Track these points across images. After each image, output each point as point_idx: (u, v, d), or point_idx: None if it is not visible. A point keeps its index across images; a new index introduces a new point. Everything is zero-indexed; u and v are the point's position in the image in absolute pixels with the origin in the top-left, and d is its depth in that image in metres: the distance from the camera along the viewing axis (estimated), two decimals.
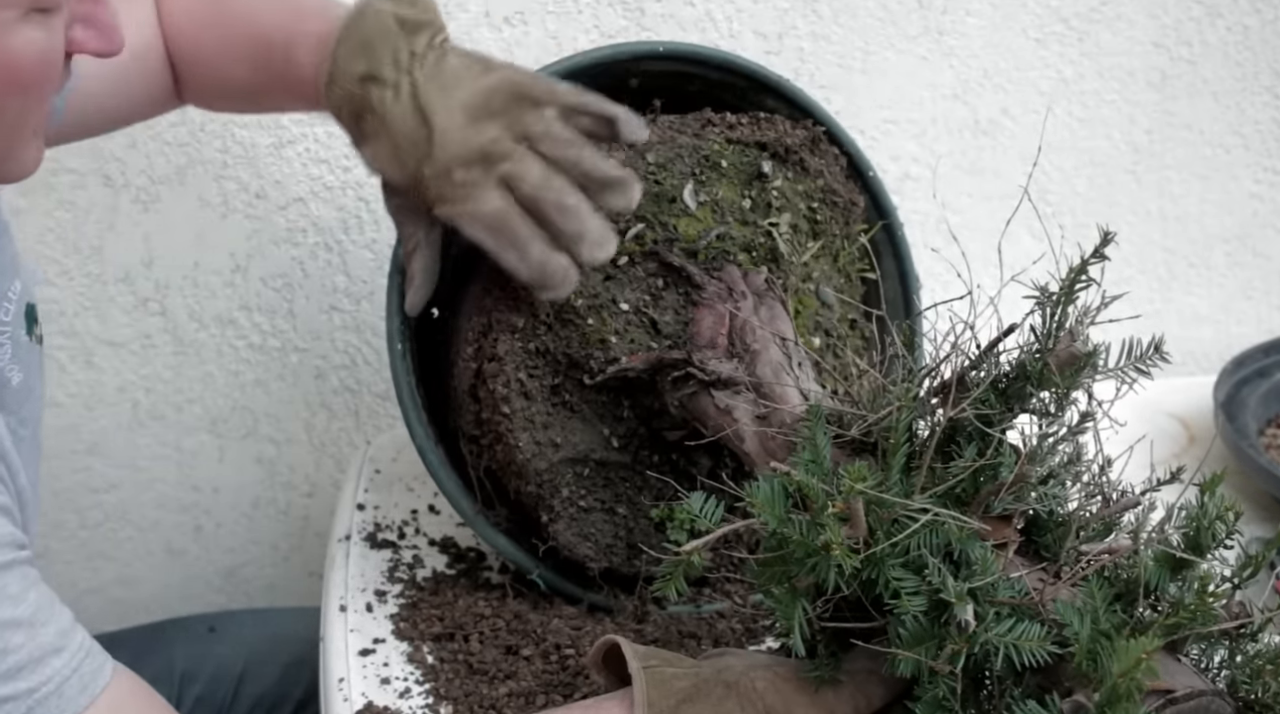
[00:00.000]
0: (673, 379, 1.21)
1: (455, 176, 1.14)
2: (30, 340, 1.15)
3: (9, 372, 1.11)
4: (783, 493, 0.92)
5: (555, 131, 1.15)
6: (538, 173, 1.14)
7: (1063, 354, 0.93)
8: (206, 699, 1.53)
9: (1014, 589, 0.90)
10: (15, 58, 0.91)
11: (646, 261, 1.27)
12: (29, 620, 0.93)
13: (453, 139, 1.14)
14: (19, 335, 1.12)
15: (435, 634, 1.28)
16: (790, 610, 0.92)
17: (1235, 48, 1.81)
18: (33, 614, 0.94)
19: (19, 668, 0.92)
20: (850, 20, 1.70)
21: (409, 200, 1.19)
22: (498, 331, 1.24)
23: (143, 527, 1.83)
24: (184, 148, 1.61)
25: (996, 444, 0.93)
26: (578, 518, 1.29)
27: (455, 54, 1.17)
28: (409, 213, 1.21)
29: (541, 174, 1.14)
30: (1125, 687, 0.78)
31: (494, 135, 1.14)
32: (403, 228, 1.22)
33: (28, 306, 1.15)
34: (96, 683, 0.97)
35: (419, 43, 1.15)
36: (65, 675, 0.95)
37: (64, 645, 0.95)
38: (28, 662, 0.92)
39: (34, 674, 0.93)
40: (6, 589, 0.93)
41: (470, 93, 1.15)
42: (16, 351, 1.12)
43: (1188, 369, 1.96)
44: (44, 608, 0.95)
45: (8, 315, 1.11)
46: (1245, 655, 0.92)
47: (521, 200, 1.14)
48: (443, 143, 1.14)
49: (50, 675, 0.94)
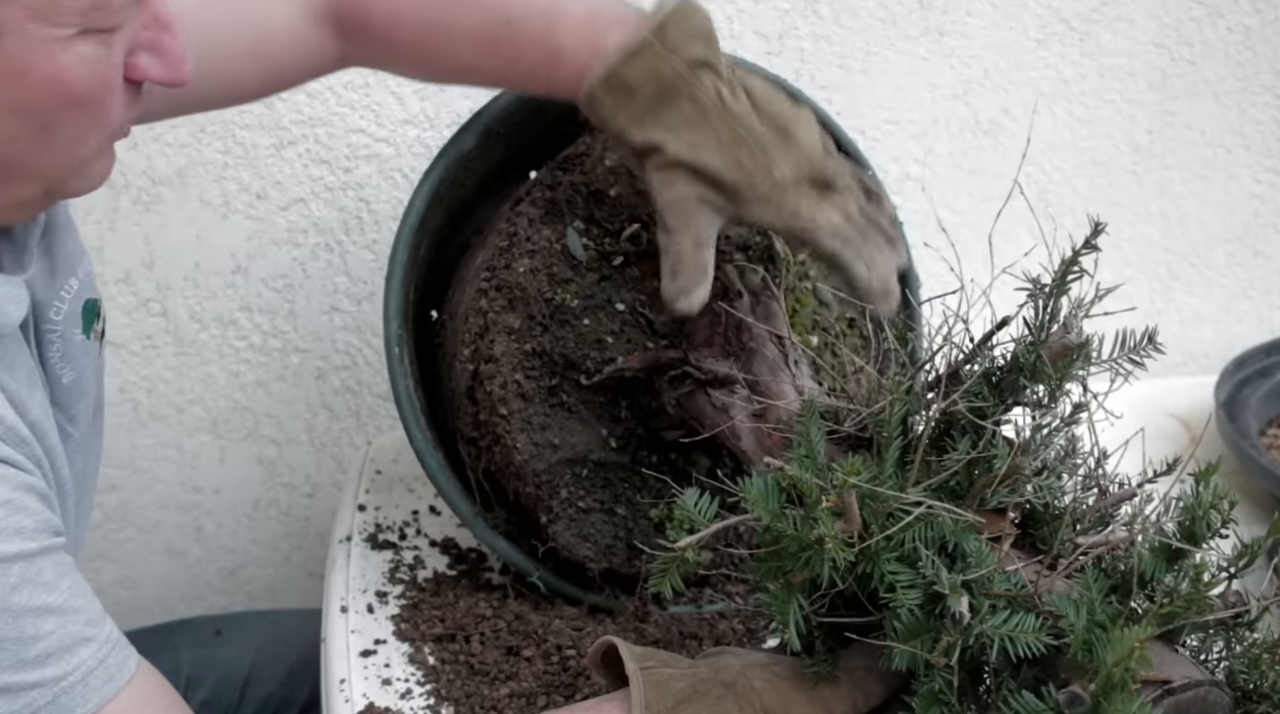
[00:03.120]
0: (669, 378, 1.22)
1: (805, 189, 1.16)
2: (88, 338, 1.14)
3: (60, 370, 1.10)
4: (776, 488, 0.92)
5: (849, 178, 1.21)
6: (856, 209, 1.19)
7: (1056, 346, 0.93)
8: (212, 703, 1.53)
9: (1009, 582, 0.90)
10: (68, 74, 0.91)
11: (642, 262, 1.27)
12: (61, 608, 0.94)
13: (814, 155, 1.17)
14: (71, 334, 1.11)
15: (436, 635, 1.28)
16: (785, 606, 0.92)
17: (1236, 48, 1.81)
18: (64, 602, 0.94)
19: (48, 654, 0.92)
20: (851, 21, 1.70)
21: (714, 194, 1.17)
22: (494, 333, 1.24)
23: (144, 527, 1.83)
24: (185, 149, 1.62)
25: (990, 436, 0.93)
26: (577, 519, 1.29)
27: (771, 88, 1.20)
28: (703, 207, 1.17)
29: (858, 208, 1.19)
30: (1120, 676, 0.78)
31: (835, 165, 1.18)
32: (688, 219, 1.17)
33: (87, 303, 1.14)
34: (122, 675, 0.97)
35: (724, 71, 1.17)
36: (92, 666, 0.95)
37: (93, 636, 0.96)
38: (57, 649, 0.93)
39: (62, 662, 0.93)
40: (41, 575, 0.93)
41: (810, 119, 1.19)
42: (68, 351, 1.11)
43: (1188, 369, 1.96)
44: (76, 596, 0.96)
45: (59, 314, 1.10)
46: (1243, 645, 0.93)
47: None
48: (803, 154, 1.16)
49: (77, 665, 0.94)
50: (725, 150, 1.15)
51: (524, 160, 1.38)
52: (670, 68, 1.15)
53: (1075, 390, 0.97)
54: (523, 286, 1.24)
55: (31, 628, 0.92)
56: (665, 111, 1.15)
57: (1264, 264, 1.95)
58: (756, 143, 1.15)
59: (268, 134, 1.63)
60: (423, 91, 1.63)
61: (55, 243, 1.11)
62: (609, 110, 1.16)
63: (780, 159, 1.16)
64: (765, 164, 1.15)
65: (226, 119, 1.60)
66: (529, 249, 1.24)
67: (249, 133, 1.62)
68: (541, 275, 1.24)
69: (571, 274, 1.25)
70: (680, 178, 1.16)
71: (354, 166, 1.66)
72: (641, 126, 1.16)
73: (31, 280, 1.06)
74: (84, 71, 0.91)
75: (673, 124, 1.15)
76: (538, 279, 1.24)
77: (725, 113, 1.15)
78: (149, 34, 0.97)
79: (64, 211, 1.13)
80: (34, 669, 0.92)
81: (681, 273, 1.17)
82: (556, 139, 1.33)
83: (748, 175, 1.15)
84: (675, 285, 1.17)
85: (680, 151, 1.15)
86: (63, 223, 1.13)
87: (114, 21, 0.92)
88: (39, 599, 0.92)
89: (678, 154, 1.15)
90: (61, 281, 1.11)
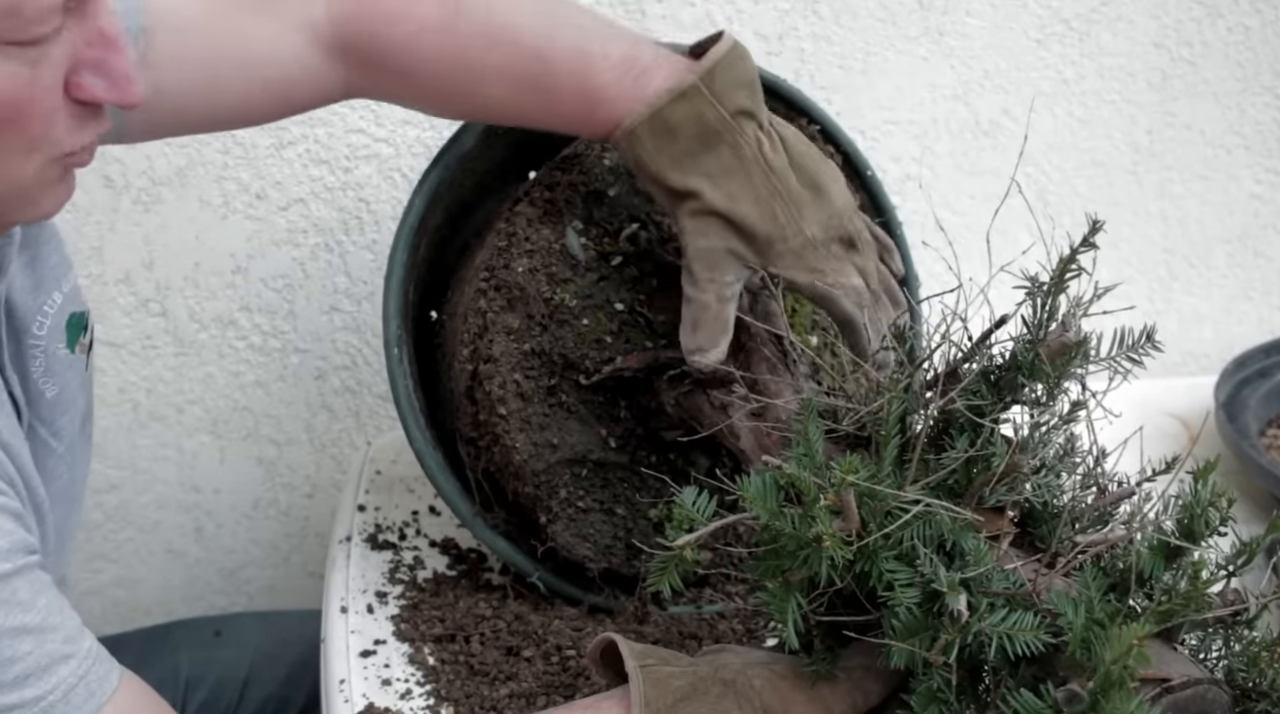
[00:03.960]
0: (669, 378, 1.22)
1: (832, 248, 1.17)
2: (72, 352, 1.14)
3: (43, 385, 1.10)
4: (774, 486, 0.92)
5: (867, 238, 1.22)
6: (874, 269, 1.21)
7: (1054, 344, 0.93)
8: (212, 704, 1.53)
9: (1008, 580, 0.90)
10: None
11: (641, 261, 1.27)
12: (38, 627, 0.93)
13: (843, 214, 1.18)
14: (54, 349, 1.11)
15: (436, 635, 1.28)
16: (784, 605, 0.91)
17: (1236, 48, 1.81)
18: (42, 621, 0.93)
19: (26, 675, 0.92)
20: (851, 21, 1.70)
21: (744, 247, 1.17)
22: (493, 333, 1.24)
23: (143, 528, 1.83)
24: (184, 149, 1.62)
25: (989, 435, 0.93)
26: (576, 519, 1.29)
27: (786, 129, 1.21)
28: (732, 260, 1.17)
29: (879, 272, 1.21)
30: (1118, 673, 0.78)
31: (859, 222, 1.20)
32: (715, 271, 1.17)
33: (72, 317, 1.13)
34: (103, 690, 0.97)
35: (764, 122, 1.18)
36: (72, 684, 0.94)
37: (72, 653, 0.95)
38: (35, 669, 0.92)
39: (41, 682, 0.92)
40: (16, 595, 0.92)
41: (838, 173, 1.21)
42: (51, 365, 1.10)
43: (1188, 369, 1.96)
44: (53, 613, 0.95)
45: (41, 329, 1.09)
46: (1242, 643, 0.93)
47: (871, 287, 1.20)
48: (834, 213, 1.18)
49: (57, 684, 0.93)
50: (762, 204, 1.15)
51: (522, 161, 1.38)
52: (715, 114, 1.15)
53: (1074, 389, 0.97)
54: (522, 286, 1.24)
55: (9, 649, 0.91)
56: (705, 157, 1.15)
57: (1264, 264, 1.95)
58: (791, 198, 1.16)
59: (267, 134, 1.63)
60: None
61: (39, 256, 1.09)
62: (649, 152, 1.16)
63: (812, 216, 1.16)
64: (797, 220, 1.16)
65: None
66: (528, 249, 1.24)
67: (248, 133, 1.62)
68: (540, 275, 1.24)
69: (570, 274, 1.25)
70: (715, 227, 1.16)
71: (354, 167, 1.66)
72: (681, 171, 1.16)
73: (11, 293, 1.05)
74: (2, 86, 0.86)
75: (712, 171, 1.15)
76: (537, 279, 1.24)
77: (764, 165, 1.16)
78: (92, 52, 0.91)
79: (49, 224, 1.11)
80: (13, 691, 0.91)
81: (702, 328, 1.17)
82: (555, 139, 1.33)
83: (780, 230, 1.16)
84: (694, 340, 1.17)
85: (717, 201, 1.15)
86: (47, 236, 1.11)
87: (31, 34, 0.86)
88: (15, 620, 0.91)
89: (714, 203, 1.15)
90: (45, 296, 1.10)
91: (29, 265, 1.08)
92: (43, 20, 0.86)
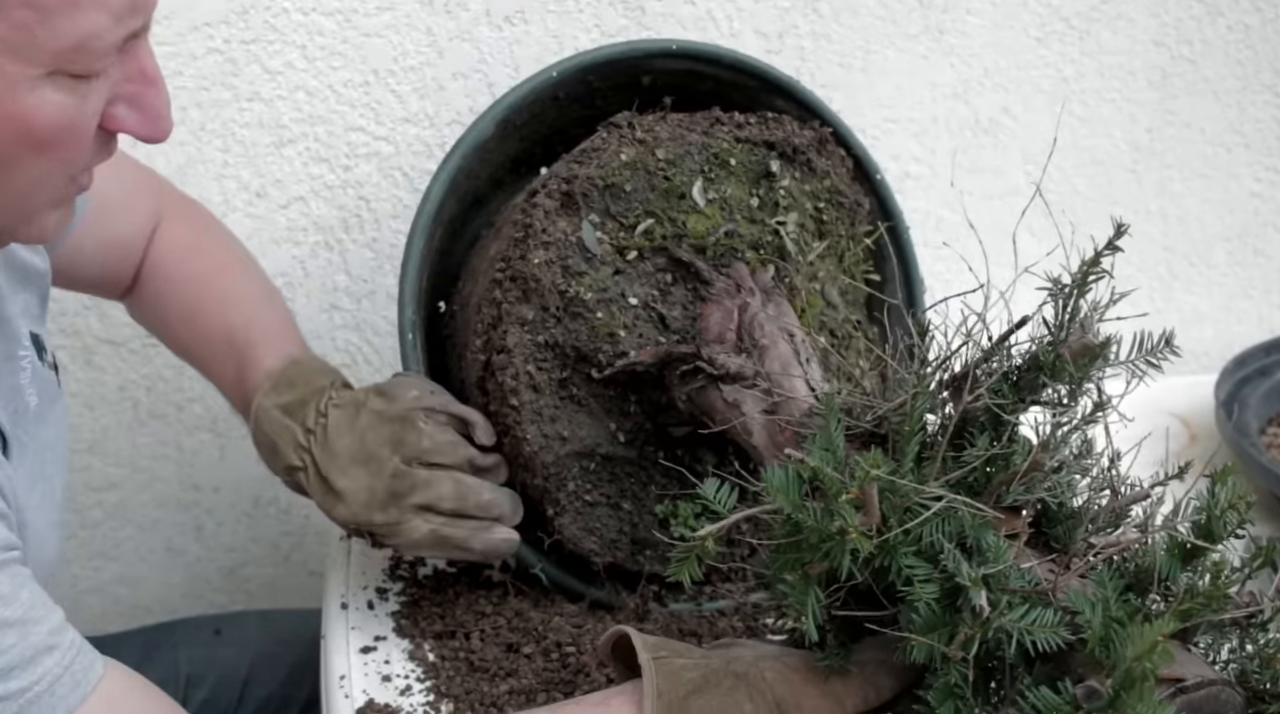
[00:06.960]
0: (681, 373, 1.22)
1: (377, 520, 1.22)
2: (43, 366, 1.15)
3: (28, 394, 1.11)
4: (797, 479, 0.92)
5: (439, 442, 1.24)
6: (449, 489, 1.23)
7: (1075, 345, 0.94)
8: (212, 702, 1.53)
9: (1025, 579, 0.90)
10: (30, 114, 0.89)
11: (655, 257, 1.27)
12: (21, 620, 0.94)
13: (358, 496, 1.22)
14: (34, 358, 1.13)
15: (436, 632, 1.28)
16: (803, 597, 0.92)
17: (1236, 46, 1.81)
18: (24, 614, 0.94)
19: (10, 668, 0.92)
20: (851, 19, 1.70)
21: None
22: (507, 324, 1.25)
23: (143, 526, 1.82)
24: (184, 147, 1.61)
25: (1010, 433, 0.94)
26: (583, 512, 1.29)
27: (335, 409, 1.25)
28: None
29: (454, 489, 1.23)
30: (1140, 670, 0.79)
31: (392, 471, 1.22)
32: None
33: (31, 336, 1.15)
34: (89, 679, 0.97)
35: (309, 419, 1.25)
36: (57, 674, 0.95)
37: (56, 644, 0.96)
38: (20, 661, 0.93)
39: (26, 674, 0.93)
40: None
41: (350, 443, 1.24)
42: (35, 373, 1.12)
43: (1189, 368, 1.95)
44: (36, 607, 0.95)
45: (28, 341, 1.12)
46: (1255, 645, 0.93)
47: (445, 515, 1.23)
48: (352, 501, 1.22)
49: (42, 674, 0.94)
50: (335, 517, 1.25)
51: (536, 155, 1.39)
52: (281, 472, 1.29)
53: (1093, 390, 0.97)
54: (537, 278, 1.24)
55: None
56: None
57: (1264, 263, 1.95)
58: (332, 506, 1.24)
59: (267, 132, 1.62)
60: (423, 89, 1.62)
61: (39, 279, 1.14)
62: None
63: (351, 510, 1.23)
64: (347, 517, 1.23)
65: (226, 117, 1.60)
66: (544, 241, 1.24)
67: (249, 131, 1.62)
68: (556, 267, 1.24)
69: (586, 267, 1.25)
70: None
71: (354, 165, 1.65)
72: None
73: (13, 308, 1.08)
74: (49, 114, 0.90)
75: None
76: (552, 271, 1.24)
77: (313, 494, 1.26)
78: (132, 87, 0.96)
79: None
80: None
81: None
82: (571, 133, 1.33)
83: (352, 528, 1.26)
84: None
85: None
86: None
87: (91, 68, 0.91)
88: None
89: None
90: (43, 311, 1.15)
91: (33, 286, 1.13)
92: (103, 57, 0.91)
